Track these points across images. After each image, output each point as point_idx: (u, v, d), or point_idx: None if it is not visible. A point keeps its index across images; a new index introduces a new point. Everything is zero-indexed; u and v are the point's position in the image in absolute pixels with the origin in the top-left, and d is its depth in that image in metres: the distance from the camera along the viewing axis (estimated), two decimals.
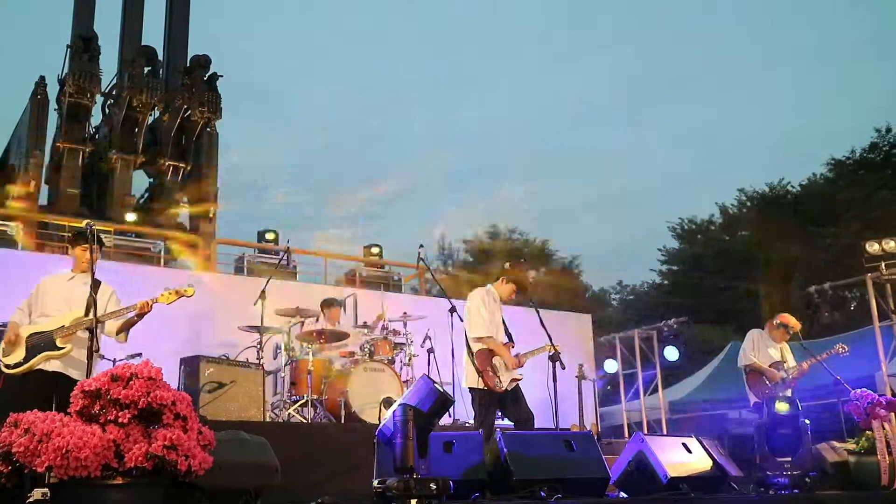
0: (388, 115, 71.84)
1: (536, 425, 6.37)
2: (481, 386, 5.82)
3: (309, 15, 69.52)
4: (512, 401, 5.91)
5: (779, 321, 7.60)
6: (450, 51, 71.28)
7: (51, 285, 5.38)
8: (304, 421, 7.30)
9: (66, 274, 5.46)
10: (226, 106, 16.93)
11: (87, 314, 5.16)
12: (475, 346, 5.91)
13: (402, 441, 3.95)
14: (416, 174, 68.36)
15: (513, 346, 6.09)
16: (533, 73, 71.32)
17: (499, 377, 5.82)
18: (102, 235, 10.63)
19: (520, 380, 6.00)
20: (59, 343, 5.12)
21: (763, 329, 7.69)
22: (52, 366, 5.10)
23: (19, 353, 5.09)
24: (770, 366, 7.45)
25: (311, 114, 69.38)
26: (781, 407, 6.23)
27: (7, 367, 5.07)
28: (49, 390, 5.01)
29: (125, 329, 5.40)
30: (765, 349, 7.59)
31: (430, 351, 8.28)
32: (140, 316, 5.30)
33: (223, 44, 24.19)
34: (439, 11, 68.77)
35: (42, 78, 15.88)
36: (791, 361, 7.56)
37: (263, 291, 7.76)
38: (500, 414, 6.13)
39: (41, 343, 5.12)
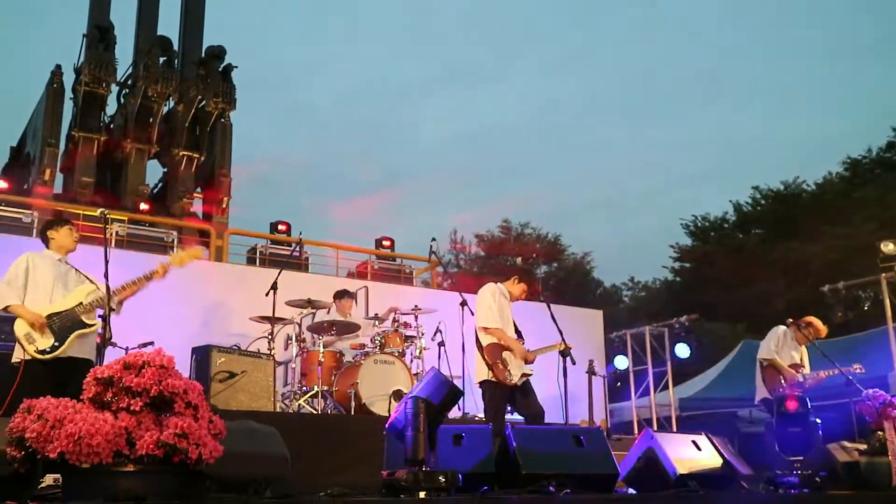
0: (402, 109, 71.92)
1: (546, 420, 6.37)
2: (492, 379, 5.83)
3: (323, 8, 69.58)
4: (522, 395, 5.91)
5: (806, 322, 7.58)
6: (464, 47, 71.21)
7: (43, 267, 5.28)
8: (314, 412, 7.33)
9: (51, 254, 5.40)
10: (240, 97, 16.97)
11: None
12: (485, 340, 5.92)
13: (412, 433, 3.96)
14: (430, 168, 68.40)
15: (522, 343, 6.09)
16: (546, 70, 71.19)
17: (509, 370, 5.82)
18: (116, 224, 10.68)
19: (530, 375, 5.99)
20: (86, 320, 5.11)
21: (788, 328, 7.66)
22: (82, 352, 5.09)
23: (47, 338, 5.00)
24: (789, 366, 7.44)
25: (325, 106, 69.56)
26: (791, 405, 6.20)
27: (41, 352, 4.95)
28: (70, 376, 4.89)
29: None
30: (787, 349, 7.56)
31: (441, 344, 8.29)
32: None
33: (238, 35, 24.24)
34: (452, 9, 68.66)
35: (58, 67, 15.93)
36: (807, 367, 7.53)
37: (275, 282, 7.79)
38: (510, 408, 6.13)
39: (68, 323, 5.06)
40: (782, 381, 7.39)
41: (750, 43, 66.15)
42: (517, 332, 6.18)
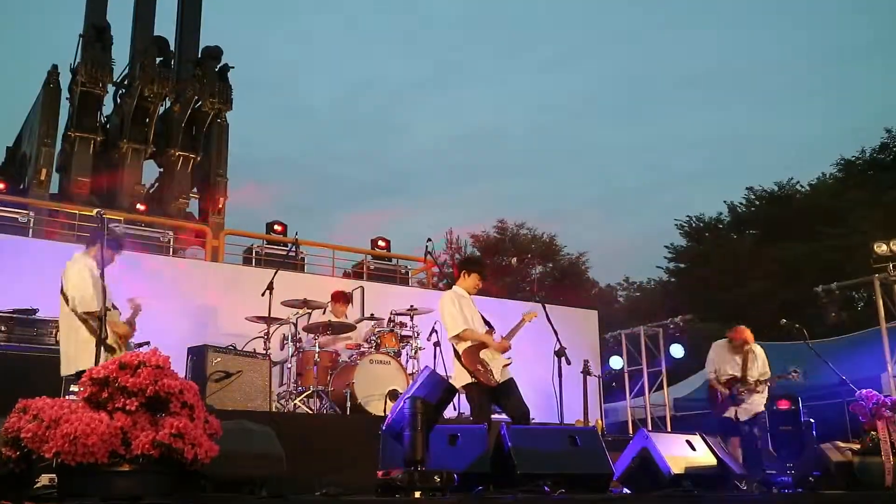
0: (398, 109, 71.97)
1: (541, 420, 6.38)
2: (473, 382, 5.80)
3: (319, 9, 69.53)
4: (506, 395, 5.87)
5: (730, 333, 7.67)
6: (458, 47, 71.20)
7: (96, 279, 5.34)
8: (310, 412, 7.34)
9: (91, 263, 5.43)
10: (236, 97, 16.95)
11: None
12: (460, 347, 5.89)
13: (410, 433, 3.97)
14: (425, 168, 68.45)
15: (493, 333, 6.05)
16: (542, 70, 71.17)
17: (490, 371, 5.78)
18: (113, 225, 10.72)
19: (510, 364, 5.94)
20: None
21: (725, 340, 7.72)
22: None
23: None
24: (727, 381, 7.49)
25: (321, 106, 69.55)
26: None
27: None
28: None
29: None
30: (724, 362, 7.62)
31: (436, 344, 8.31)
32: None
33: (235, 35, 24.24)
34: (447, 8, 68.66)
35: (55, 67, 15.91)
36: (755, 371, 7.51)
37: (271, 283, 7.80)
38: (497, 408, 6.11)
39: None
40: (719, 397, 7.51)
41: (743, 44, 66.32)
42: (487, 324, 6.14)
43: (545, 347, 6.26)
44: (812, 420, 6.48)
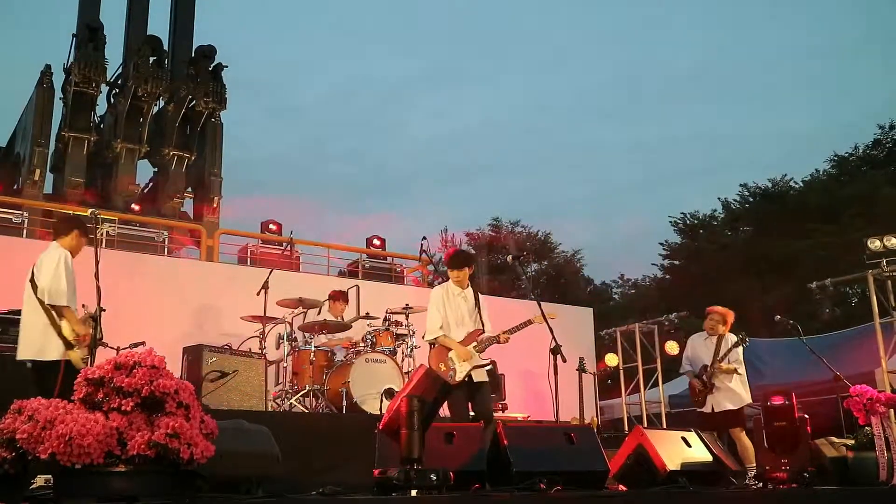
0: (391, 109, 71.94)
1: (537, 417, 6.37)
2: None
3: (312, 8, 69.49)
4: (474, 394, 5.76)
5: (707, 312, 7.37)
6: (451, 46, 71.22)
7: (71, 272, 5.31)
8: (306, 411, 7.34)
9: (69, 259, 5.37)
10: (230, 97, 16.92)
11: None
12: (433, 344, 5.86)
13: (407, 432, 3.97)
14: (419, 166, 68.43)
15: (482, 332, 5.93)
16: (534, 69, 71.23)
17: (453, 369, 5.68)
18: (107, 224, 10.70)
19: (484, 366, 5.84)
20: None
21: (698, 333, 7.37)
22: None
23: (83, 351, 5.12)
24: (700, 371, 7.08)
25: (315, 105, 69.50)
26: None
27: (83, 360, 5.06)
28: None
29: None
30: (698, 353, 7.21)
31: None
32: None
33: (228, 35, 24.18)
34: (441, 7, 68.65)
35: (48, 67, 15.87)
36: (726, 358, 7.04)
37: (266, 282, 7.79)
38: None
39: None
40: (694, 390, 7.23)
41: (738, 41, 66.41)
42: (480, 321, 6.01)
43: (540, 345, 6.25)
44: (806, 416, 6.49)
